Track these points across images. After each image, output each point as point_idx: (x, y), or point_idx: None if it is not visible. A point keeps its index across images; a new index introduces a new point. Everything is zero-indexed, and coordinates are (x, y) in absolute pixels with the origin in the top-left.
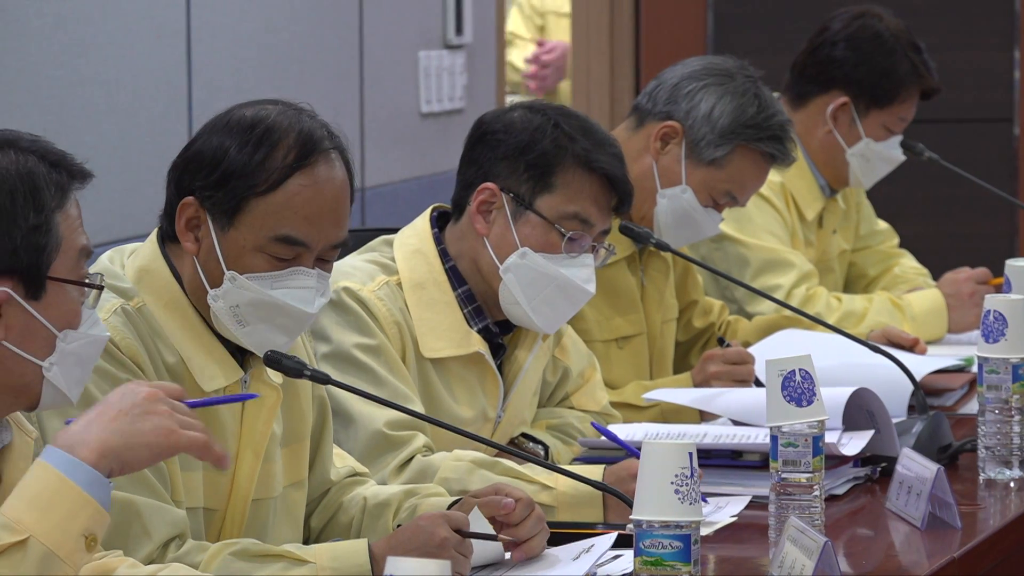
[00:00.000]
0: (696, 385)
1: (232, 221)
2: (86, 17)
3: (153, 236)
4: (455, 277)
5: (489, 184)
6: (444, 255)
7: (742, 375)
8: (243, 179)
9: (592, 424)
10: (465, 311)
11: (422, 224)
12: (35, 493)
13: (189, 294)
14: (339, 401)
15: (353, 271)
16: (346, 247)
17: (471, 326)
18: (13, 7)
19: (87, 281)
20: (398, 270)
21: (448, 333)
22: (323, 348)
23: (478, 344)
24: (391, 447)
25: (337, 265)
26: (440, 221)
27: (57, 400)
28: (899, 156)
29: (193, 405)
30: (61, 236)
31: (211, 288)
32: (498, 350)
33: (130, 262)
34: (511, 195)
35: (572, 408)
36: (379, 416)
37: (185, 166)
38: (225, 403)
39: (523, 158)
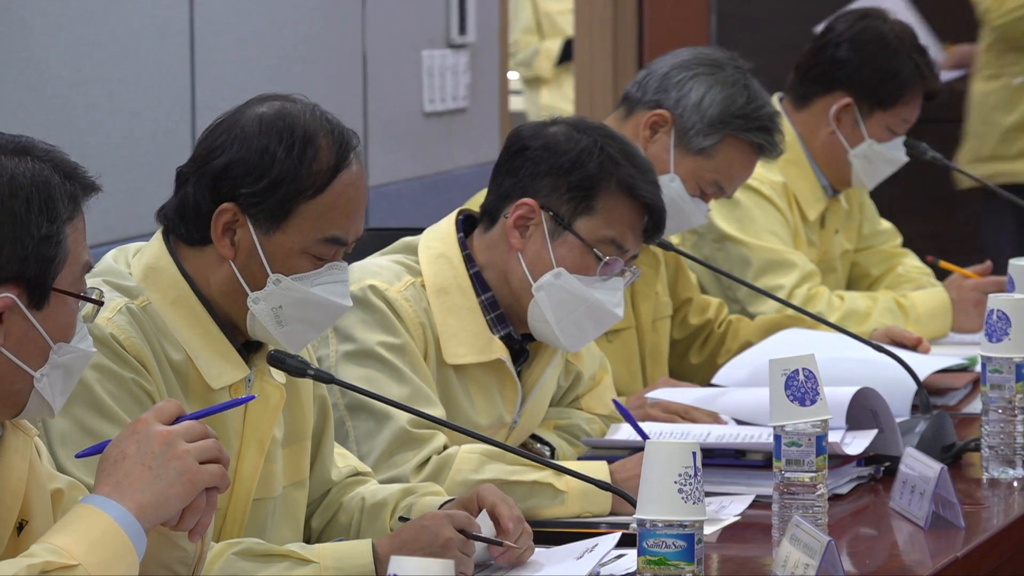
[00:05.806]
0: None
1: (279, 225)
2: (89, 16)
3: (159, 234)
4: (479, 283)
5: (528, 200)
6: (469, 260)
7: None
8: (293, 184)
9: (614, 401)
10: (488, 317)
11: (448, 227)
12: (84, 529)
13: (210, 295)
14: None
15: (380, 270)
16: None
17: (493, 332)
18: (17, 6)
19: (87, 295)
20: (422, 272)
21: (471, 339)
22: (347, 347)
23: (500, 351)
24: (413, 444)
25: (362, 264)
26: (465, 225)
27: (41, 410)
28: (902, 157)
29: (193, 417)
30: (69, 248)
31: (252, 291)
32: (518, 355)
33: (135, 260)
34: (551, 213)
35: (581, 410)
36: (404, 413)
37: (224, 173)
38: (225, 410)
39: (566, 178)
